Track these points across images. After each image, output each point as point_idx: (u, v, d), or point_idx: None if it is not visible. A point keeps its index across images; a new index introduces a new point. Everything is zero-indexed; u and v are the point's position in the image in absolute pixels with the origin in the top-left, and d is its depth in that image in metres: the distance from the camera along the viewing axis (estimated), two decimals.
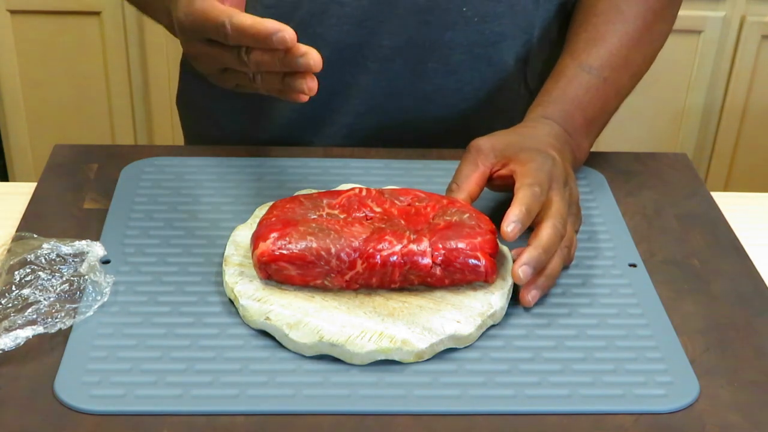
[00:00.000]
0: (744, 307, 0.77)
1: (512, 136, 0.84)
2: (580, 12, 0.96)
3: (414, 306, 0.73)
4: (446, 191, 0.81)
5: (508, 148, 0.82)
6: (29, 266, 0.75)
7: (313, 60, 0.71)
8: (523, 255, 0.73)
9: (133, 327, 0.72)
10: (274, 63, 0.72)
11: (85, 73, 1.96)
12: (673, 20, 0.98)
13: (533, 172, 0.78)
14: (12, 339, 0.69)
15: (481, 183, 0.81)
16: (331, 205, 0.78)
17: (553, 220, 0.76)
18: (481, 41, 0.96)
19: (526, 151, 0.81)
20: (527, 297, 0.74)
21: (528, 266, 0.73)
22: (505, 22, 0.96)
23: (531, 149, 0.81)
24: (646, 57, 0.95)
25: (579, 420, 0.66)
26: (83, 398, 0.66)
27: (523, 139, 0.83)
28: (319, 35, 0.95)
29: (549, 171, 0.79)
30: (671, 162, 0.98)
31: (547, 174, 0.78)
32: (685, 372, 0.70)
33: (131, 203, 0.86)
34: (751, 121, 2.03)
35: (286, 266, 0.72)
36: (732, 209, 0.91)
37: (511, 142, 0.82)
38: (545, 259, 0.74)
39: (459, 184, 0.81)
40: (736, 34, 1.94)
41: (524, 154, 0.80)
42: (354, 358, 0.69)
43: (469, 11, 0.94)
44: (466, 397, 0.67)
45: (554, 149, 0.82)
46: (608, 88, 0.91)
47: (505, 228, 0.74)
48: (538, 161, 0.79)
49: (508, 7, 0.95)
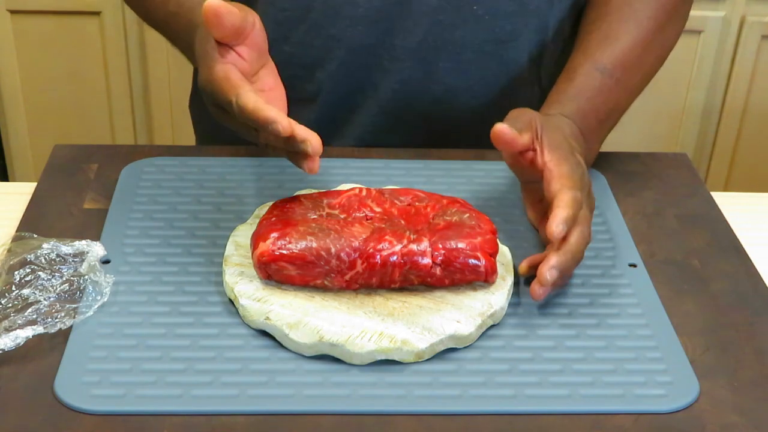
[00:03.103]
0: (744, 307, 0.77)
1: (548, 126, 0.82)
2: (592, 9, 0.96)
3: (414, 306, 0.73)
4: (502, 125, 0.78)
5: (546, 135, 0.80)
6: (29, 266, 0.75)
7: (312, 147, 0.71)
8: (552, 258, 0.73)
9: (133, 327, 0.72)
10: (279, 141, 0.73)
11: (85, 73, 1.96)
12: (685, 20, 0.97)
13: (570, 175, 0.77)
14: (12, 339, 0.69)
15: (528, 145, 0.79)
16: (331, 205, 0.78)
17: (582, 228, 0.76)
18: (491, 39, 0.96)
19: (561, 149, 0.79)
20: (539, 291, 0.73)
21: (556, 270, 0.73)
22: (516, 20, 0.96)
23: (564, 148, 0.80)
24: (658, 57, 0.95)
25: (579, 420, 0.66)
26: (83, 398, 0.66)
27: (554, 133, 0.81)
28: (333, 36, 0.95)
29: (581, 176, 0.78)
30: (671, 162, 0.98)
31: (580, 179, 0.78)
32: (685, 372, 0.70)
33: (131, 203, 0.86)
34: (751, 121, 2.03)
35: (286, 266, 0.72)
36: (732, 209, 0.91)
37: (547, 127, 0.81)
38: (572, 265, 0.75)
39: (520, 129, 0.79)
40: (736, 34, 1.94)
41: (559, 152, 0.79)
42: (354, 358, 0.69)
43: (480, 9, 0.94)
44: (466, 397, 0.67)
45: (577, 152, 0.82)
46: (620, 89, 0.90)
47: (554, 228, 0.73)
48: (572, 164, 0.78)
49: (520, 5, 0.95)
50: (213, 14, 0.73)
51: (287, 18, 0.95)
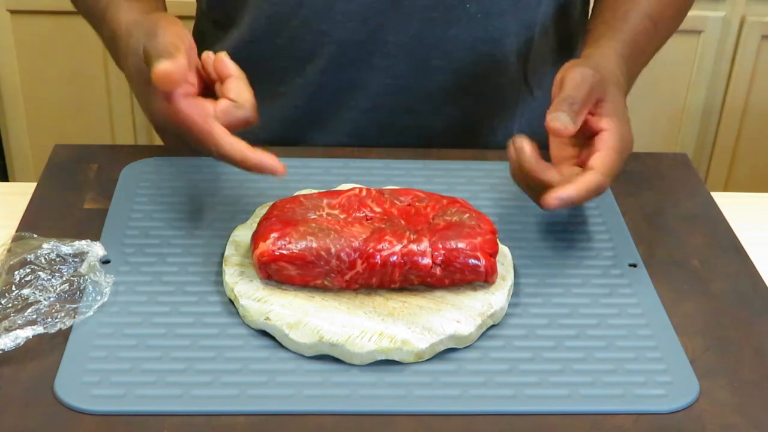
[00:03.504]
0: (744, 307, 0.77)
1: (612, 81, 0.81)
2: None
3: (414, 306, 0.73)
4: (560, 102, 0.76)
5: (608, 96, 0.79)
6: (29, 266, 0.75)
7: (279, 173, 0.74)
8: (562, 190, 0.73)
9: (133, 327, 0.72)
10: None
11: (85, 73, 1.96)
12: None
13: (616, 158, 0.77)
14: (12, 339, 0.69)
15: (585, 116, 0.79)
16: (331, 205, 0.78)
17: (603, 177, 0.75)
18: (484, 38, 0.96)
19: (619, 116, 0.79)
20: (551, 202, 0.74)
21: (560, 202, 0.73)
22: (507, 18, 0.96)
23: (621, 115, 0.79)
24: (687, 6, 0.99)
25: (579, 420, 0.66)
26: (83, 398, 0.66)
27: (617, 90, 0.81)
28: (324, 32, 0.95)
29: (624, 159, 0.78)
30: (671, 162, 0.98)
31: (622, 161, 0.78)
32: (685, 372, 0.70)
33: (131, 203, 0.86)
34: (751, 121, 2.03)
35: (286, 266, 0.72)
36: (732, 209, 0.91)
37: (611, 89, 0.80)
38: (577, 203, 0.75)
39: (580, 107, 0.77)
40: (736, 34, 1.94)
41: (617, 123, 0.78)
42: (354, 358, 0.69)
43: (473, 7, 0.94)
44: (466, 397, 0.67)
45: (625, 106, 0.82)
46: (659, 37, 0.94)
47: (548, 199, 0.73)
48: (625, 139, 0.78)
49: (512, 3, 0.95)
50: (167, 81, 0.72)
51: (278, 13, 0.95)
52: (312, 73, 0.98)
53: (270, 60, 0.98)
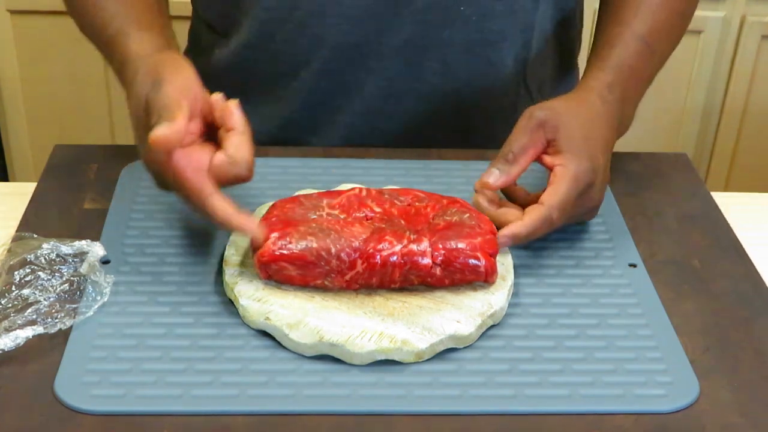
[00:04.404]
0: (744, 307, 0.77)
1: (569, 114, 0.81)
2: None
3: (414, 306, 0.73)
4: (498, 157, 0.79)
5: (561, 132, 0.79)
6: (29, 266, 0.75)
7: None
8: (511, 227, 0.75)
9: (133, 327, 0.72)
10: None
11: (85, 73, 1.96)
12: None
13: (564, 190, 0.77)
14: (12, 339, 0.69)
15: (533, 160, 0.80)
16: (331, 205, 0.78)
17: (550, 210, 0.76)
18: (479, 40, 0.96)
19: (573, 148, 0.79)
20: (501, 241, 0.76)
21: (509, 240, 0.76)
22: (504, 21, 0.96)
23: (577, 147, 0.79)
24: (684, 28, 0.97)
25: (579, 420, 0.66)
26: (83, 398, 0.66)
27: (578, 123, 0.81)
28: (318, 35, 0.95)
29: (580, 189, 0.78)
30: (671, 162, 0.98)
31: (575, 192, 0.78)
32: (685, 372, 0.70)
33: (131, 203, 0.86)
34: (751, 121, 2.03)
35: (287, 266, 0.72)
36: (732, 209, 0.91)
37: (565, 124, 0.80)
38: (527, 237, 0.76)
39: (516, 155, 0.79)
40: (736, 34, 1.94)
41: (569, 156, 0.78)
42: (354, 358, 0.69)
43: (468, 10, 0.94)
44: (466, 397, 0.67)
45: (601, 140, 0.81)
46: (655, 58, 0.92)
47: (500, 240, 0.76)
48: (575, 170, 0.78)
49: (507, 6, 0.95)
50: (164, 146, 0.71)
51: (273, 17, 0.95)
52: (307, 76, 0.97)
53: (264, 64, 0.98)
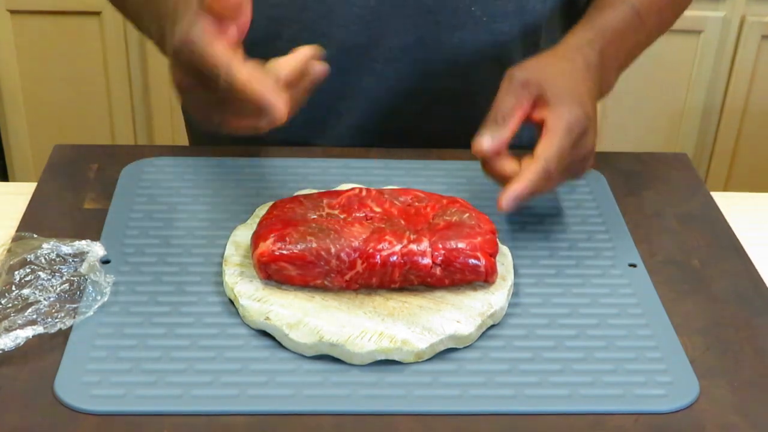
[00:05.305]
0: (744, 307, 0.77)
1: (551, 69, 0.81)
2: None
3: (414, 306, 0.73)
4: (486, 123, 0.78)
5: (546, 86, 0.79)
6: (29, 266, 0.75)
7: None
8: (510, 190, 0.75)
9: (133, 327, 0.72)
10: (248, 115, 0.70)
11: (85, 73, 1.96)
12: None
13: (557, 140, 0.77)
14: (12, 339, 0.69)
15: (523, 119, 0.79)
16: (331, 205, 0.78)
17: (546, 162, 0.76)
18: (490, 42, 0.96)
19: (561, 98, 0.79)
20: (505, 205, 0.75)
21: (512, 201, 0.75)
22: (512, 21, 0.95)
23: (565, 96, 0.79)
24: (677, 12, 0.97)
25: (579, 420, 0.66)
26: (83, 398, 0.66)
27: (561, 76, 0.81)
28: (326, 35, 0.94)
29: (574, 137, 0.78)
30: (671, 162, 0.98)
31: (569, 141, 0.77)
32: (685, 372, 0.70)
33: (131, 203, 0.86)
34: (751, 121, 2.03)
35: (286, 266, 0.72)
36: (732, 209, 0.91)
37: (549, 78, 0.80)
38: (530, 194, 0.76)
39: (504, 117, 0.78)
40: (736, 34, 1.94)
41: (558, 106, 0.78)
42: (354, 358, 0.69)
43: (478, 10, 0.94)
44: (466, 397, 0.67)
45: (586, 90, 0.81)
46: (644, 30, 0.92)
47: (501, 203, 0.75)
48: (567, 118, 0.77)
49: (517, 5, 0.95)
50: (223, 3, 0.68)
51: (280, 16, 0.95)
52: None
53: None
